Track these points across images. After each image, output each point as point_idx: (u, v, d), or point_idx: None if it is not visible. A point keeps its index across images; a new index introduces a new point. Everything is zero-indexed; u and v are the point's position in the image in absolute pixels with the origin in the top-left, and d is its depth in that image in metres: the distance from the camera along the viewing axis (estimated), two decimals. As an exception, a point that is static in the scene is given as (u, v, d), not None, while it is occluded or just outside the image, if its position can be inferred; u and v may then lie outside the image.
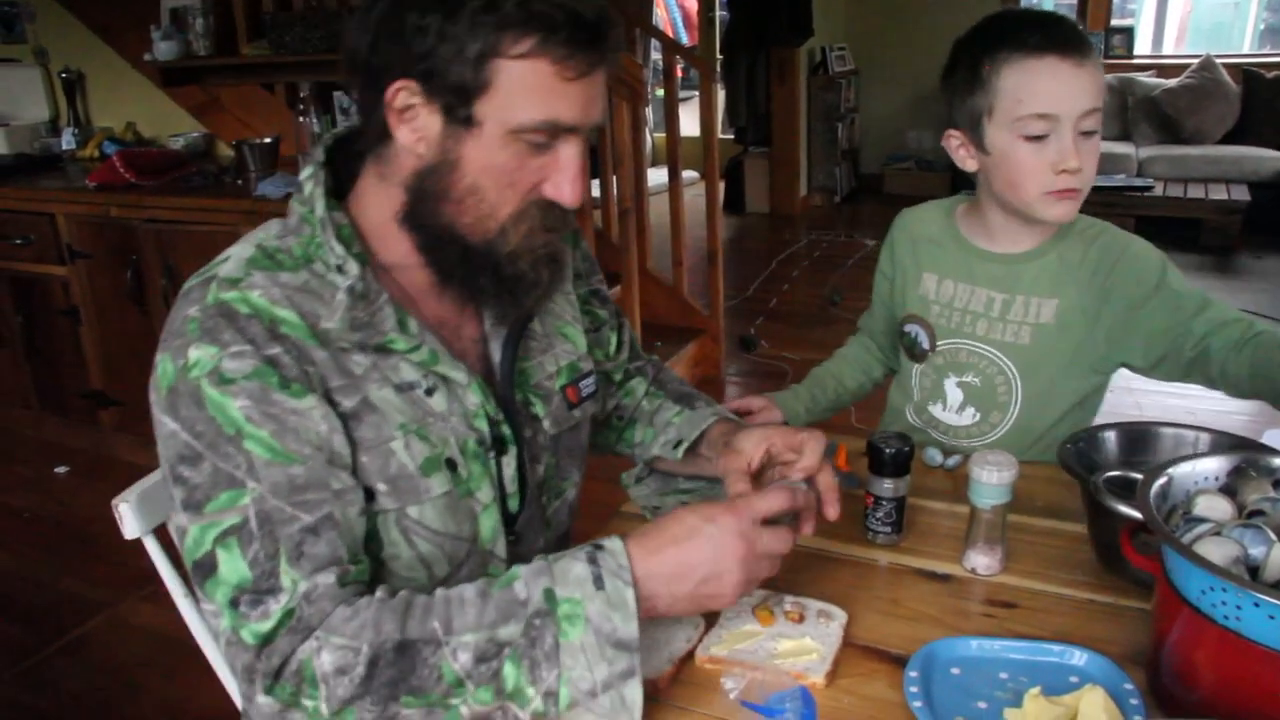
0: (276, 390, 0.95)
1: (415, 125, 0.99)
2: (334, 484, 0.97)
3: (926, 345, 1.57)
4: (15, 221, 3.65)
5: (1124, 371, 1.51)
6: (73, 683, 2.51)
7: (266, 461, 0.94)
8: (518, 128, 0.97)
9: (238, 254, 1.04)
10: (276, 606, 0.91)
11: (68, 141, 4.29)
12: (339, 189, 1.09)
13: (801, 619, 1.06)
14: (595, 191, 3.97)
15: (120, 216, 3.39)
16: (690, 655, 1.02)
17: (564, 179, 1.02)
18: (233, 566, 0.92)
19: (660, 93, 5.31)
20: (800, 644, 1.02)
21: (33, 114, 4.51)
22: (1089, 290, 1.43)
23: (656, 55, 7.87)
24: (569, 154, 1.02)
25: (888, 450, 1.20)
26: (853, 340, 1.82)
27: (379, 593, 0.94)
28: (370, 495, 1.02)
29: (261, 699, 0.90)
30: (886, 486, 1.22)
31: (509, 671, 0.89)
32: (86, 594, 2.89)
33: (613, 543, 0.94)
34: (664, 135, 4.29)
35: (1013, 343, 1.48)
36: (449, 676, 0.89)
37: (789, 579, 1.16)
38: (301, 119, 3.28)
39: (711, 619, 1.07)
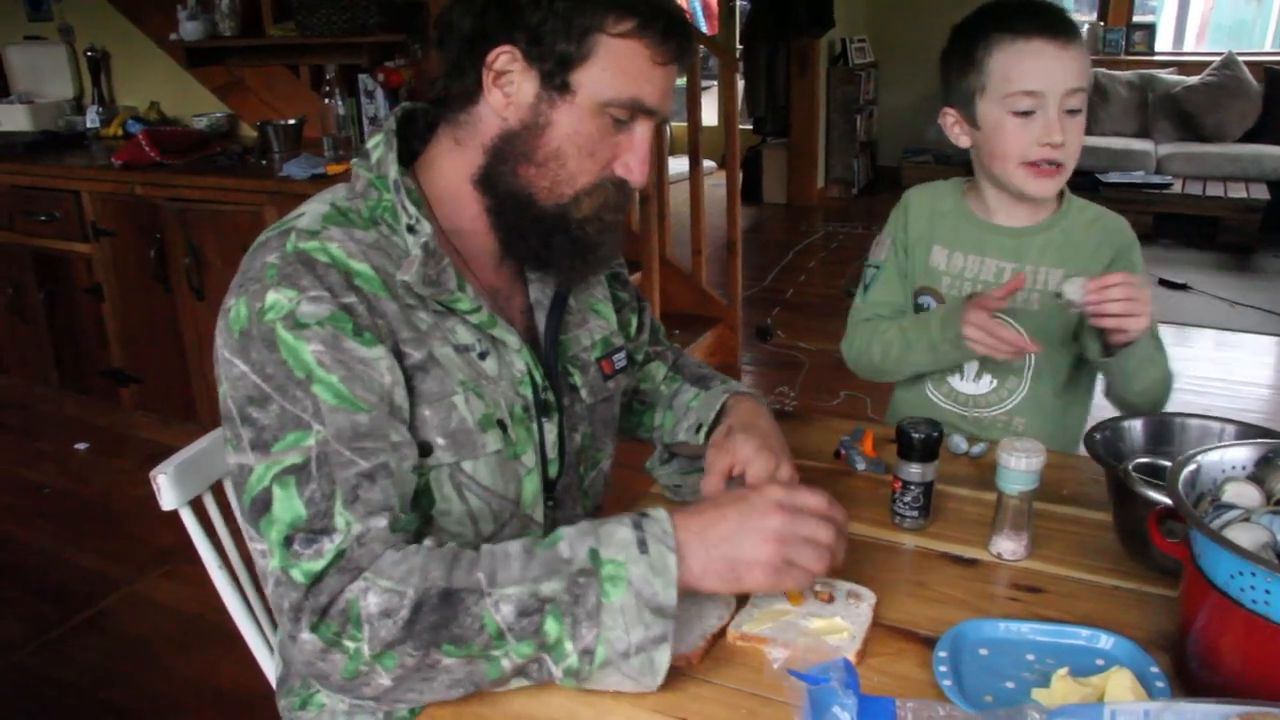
0: (349, 337, 0.99)
1: (509, 90, 1.05)
2: (393, 435, 1.00)
3: None
4: (40, 198, 3.67)
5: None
6: (93, 656, 2.54)
7: (333, 406, 0.97)
8: (608, 101, 1.04)
9: (313, 210, 1.08)
10: (330, 545, 0.93)
11: (92, 120, 4.32)
12: (405, 158, 1.14)
13: (831, 599, 1.07)
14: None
15: (145, 195, 3.41)
16: (723, 632, 1.04)
17: (635, 159, 1.09)
18: (288, 504, 0.95)
19: (681, 81, 5.31)
20: (831, 623, 1.03)
21: (58, 91, 4.53)
22: (1093, 266, 1.52)
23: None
24: (643, 135, 1.09)
25: (916, 435, 1.21)
26: (865, 326, 1.71)
27: (427, 542, 0.97)
28: (427, 450, 1.05)
29: (305, 635, 0.92)
30: (914, 471, 1.23)
31: (550, 626, 0.91)
32: (106, 570, 2.92)
33: (658, 511, 0.97)
34: (683, 124, 4.29)
35: (1022, 308, 1.55)
36: (491, 627, 0.90)
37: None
38: (327, 100, 3.30)
39: (743, 598, 1.08)
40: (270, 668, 1.35)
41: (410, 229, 1.06)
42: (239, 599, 1.35)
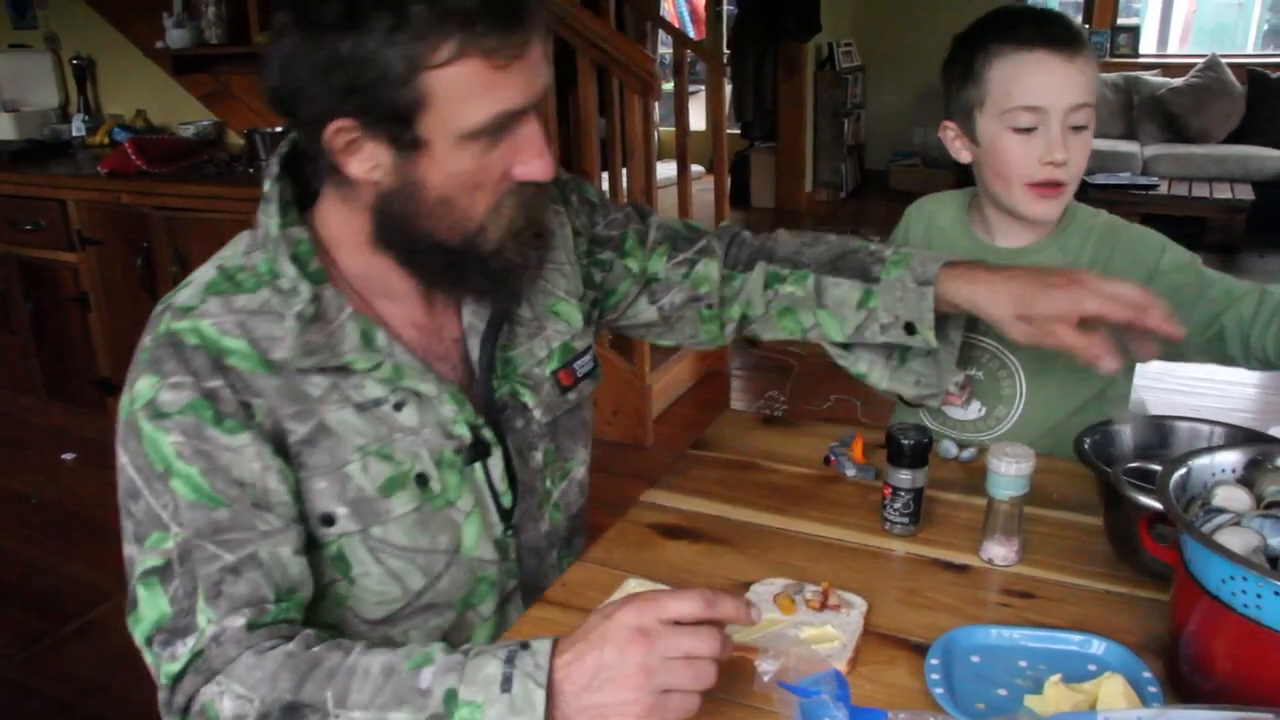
0: (210, 425, 0.95)
1: (364, 157, 0.96)
2: (260, 525, 0.96)
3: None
4: (26, 207, 3.66)
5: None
6: (81, 668, 2.52)
7: (191, 503, 0.94)
8: (468, 133, 0.94)
9: (199, 278, 1.03)
10: (184, 649, 0.92)
11: (78, 128, 4.30)
12: (306, 196, 1.07)
13: (822, 607, 1.07)
14: (605, 185, 3.97)
15: (131, 203, 3.40)
16: (713, 640, 1.03)
17: (531, 156, 1.00)
18: (152, 603, 0.94)
19: (668, 86, 5.32)
20: (822, 631, 1.03)
21: (43, 100, 4.51)
22: None
23: (665, 49, 7.87)
24: (528, 132, 0.99)
25: (906, 441, 1.21)
26: None
27: (292, 645, 0.92)
28: (330, 520, 1.02)
29: None
30: (904, 478, 1.23)
31: None
32: (94, 580, 2.90)
33: (540, 644, 0.87)
34: (671, 129, 4.29)
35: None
36: None
37: (806, 568, 1.18)
38: (313, 108, 3.28)
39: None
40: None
41: (295, 290, 0.99)
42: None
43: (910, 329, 1.20)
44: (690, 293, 1.31)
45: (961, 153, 1.48)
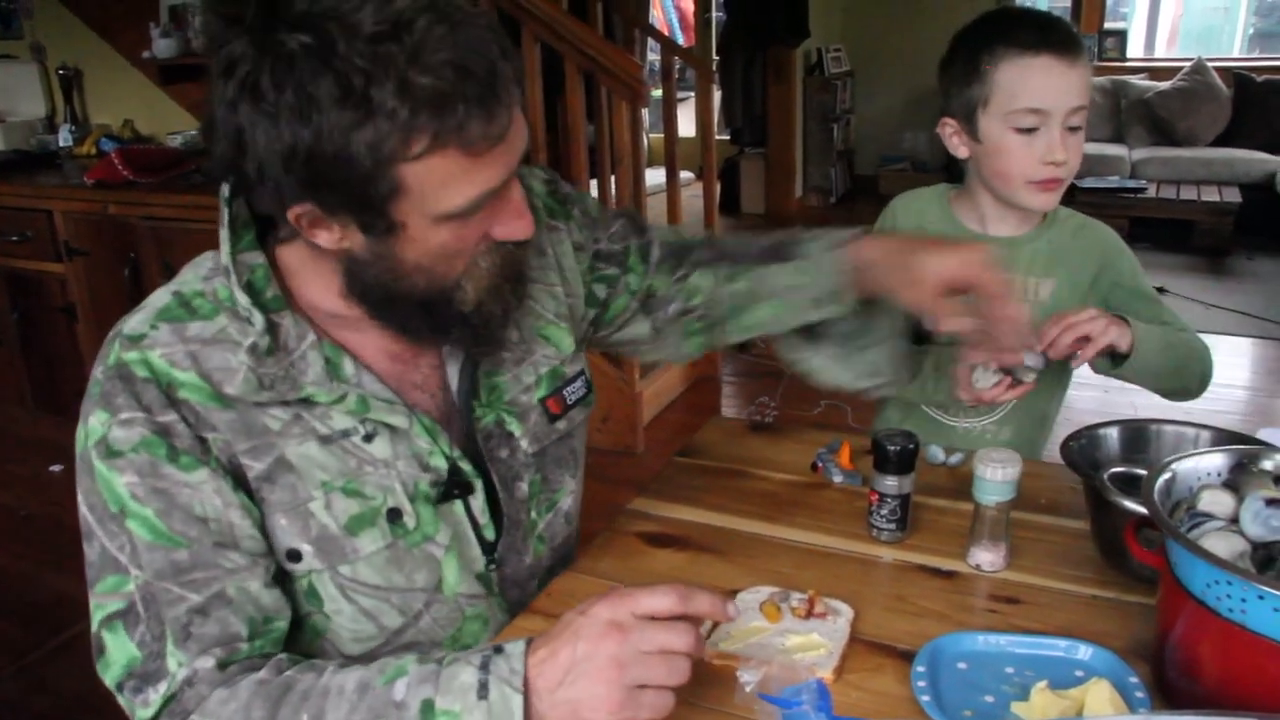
0: (165, 463, 0.91)
1: (333, 234, 0.91)
2: (225, 563, 0.93)
3: (929, 326, 1.58)
4: (12, 218, 3.65)
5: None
6: (70, 682, 2.50)
7: (149, 544, 0.91)
8: (443, 216, 0.89)
9: (152, 302, 0.98)
10: (156, 696, 0.90)
11: (65, 138, 4.30)
12: (266, 221, 1.00)
13: (808, 615, 1.07)
14: (594, 192, 3.97)
15: (118, 214, 3.39)
16: (699, 650, 1.03)
17: (510, 218, 0.95)
18: (121, 648, 0.91)
19: (655, 93, 5.32)
20: (808, 639, 1.03)
21: (29, 110, 4.51)
22: (1082, 274, 1.53)
23: (653, 56, 7.87)
24: (508, 196, 0.95)
25: (892, 448, 1.21)
26: None
27: (263, 672, 0.91)
28: (296, 556, 0.98)
29: None
30: (890, 484, 1.23)
31: None
32: (83, 593, 2.86)
33: (514, 646, 0.86)
34: (660, 136, 4.29)
35: None
36: None
37: (793, 575, 1.18)
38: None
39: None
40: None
41: (249, 320, 0.95)
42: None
43: (835, 298, 1.17)
44: (683, 305, 1.27)
45: (959, 148, 1.52)
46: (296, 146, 0.82)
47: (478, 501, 1.08)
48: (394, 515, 1.01)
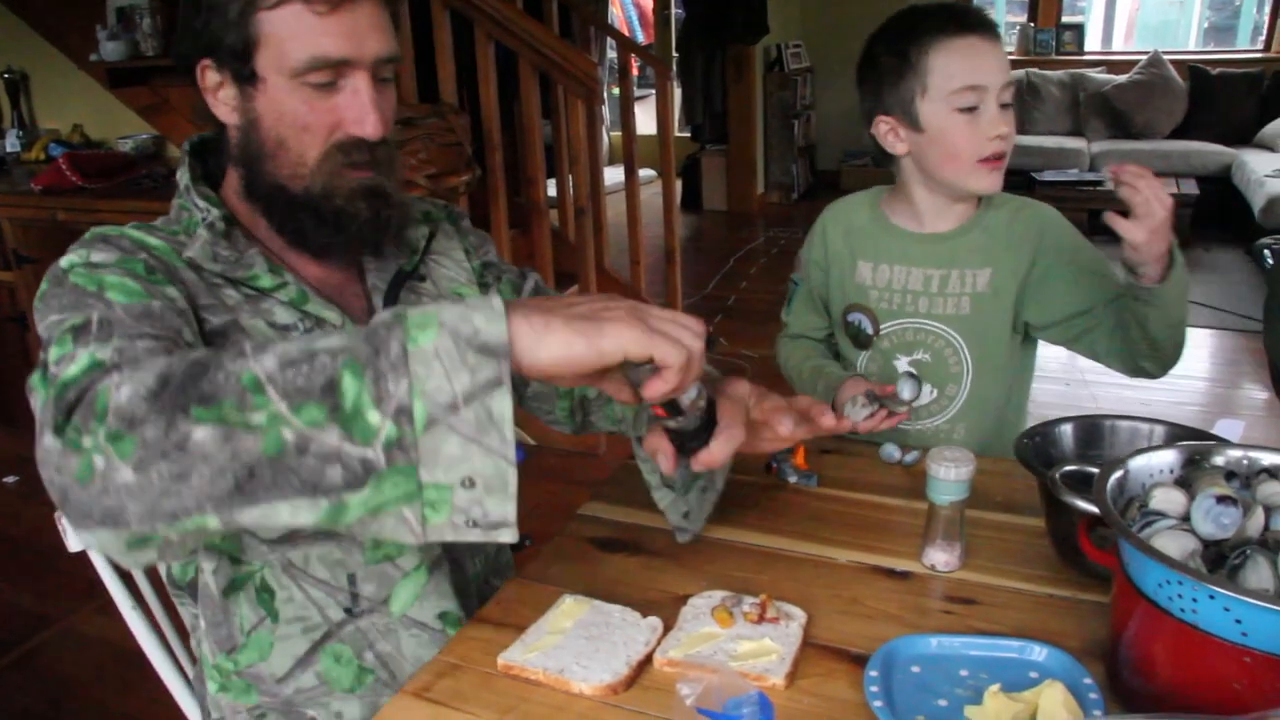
0: (143, 276, 1.00)
1: (223, 97, 1.09)
2: (185, 334, 0.98)
3: (871, 330, 1.62)
4: (-42, 226, 3.57)
5: (1080, 364, 1.53)
6: (24, 699, 2.45)
7: (125, 305, 0.95)
8: (292, 71, 1.04)
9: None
10: (85, 353, 0.86)
11: (11, 144, 4.22)
12: (214, 185, 1.17)
13: (760, 620, 1.05)
14: (552, 190, 3.95)
15: (68, 220, 3.32)
16: (649, 658, 1.01)
17: (356, 113, 1.07)
18: (62, 348, 0.89)
19: (616, 91, 5.30)
20: (760, 645, 1.01)
21: (-25, 116, 4.42)
22: (1019, 256, 1.54)
23: (612, 54, 7.86)
24: (356, 88, 1.06)
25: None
26: (791, 343, 1.77)
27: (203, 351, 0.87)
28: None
29: (48, 440, 0.80)
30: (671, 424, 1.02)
31: (348, 384, 0.74)
32: (37, 607, 2.83)
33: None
34: (619, 134, 4.27)
35: (954, 314, 1.56)
36: (246, 378, 0.75)
37: (747, 579, 1.16)
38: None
39: (670, 621, 1.06)
40: (189, 708, 1.31)
41: (204, 220, 1.09)
42: (155, 640, 1.31)
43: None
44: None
45: (896, 145, 1.54)
46: (195, 2, 1.05)
47: None
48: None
